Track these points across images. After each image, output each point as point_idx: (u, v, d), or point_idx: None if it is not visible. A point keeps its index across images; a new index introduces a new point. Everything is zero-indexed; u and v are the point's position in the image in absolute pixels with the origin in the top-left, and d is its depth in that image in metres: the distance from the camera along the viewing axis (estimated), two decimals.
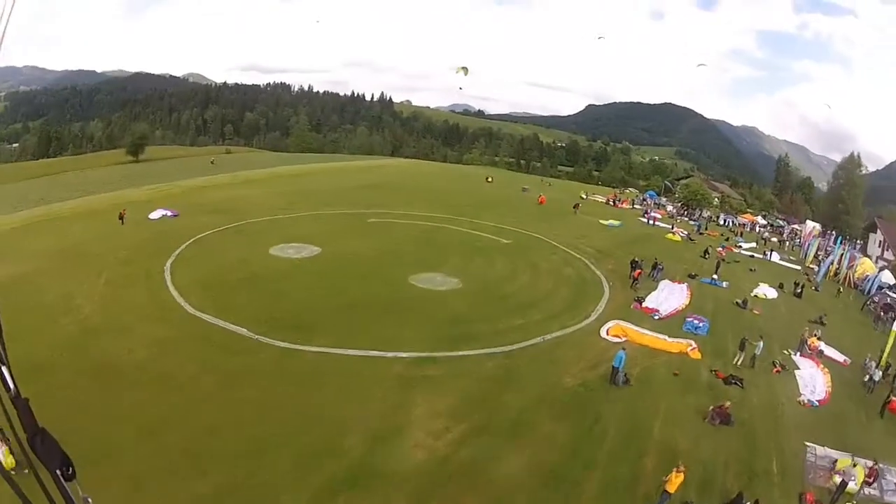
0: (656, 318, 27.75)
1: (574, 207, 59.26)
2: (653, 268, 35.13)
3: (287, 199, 52.21)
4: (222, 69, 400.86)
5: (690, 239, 52.26)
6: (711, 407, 18.59)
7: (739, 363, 23.32)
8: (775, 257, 49.53)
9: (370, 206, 49.81)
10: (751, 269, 42.17)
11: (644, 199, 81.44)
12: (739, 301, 32.40)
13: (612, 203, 71.91)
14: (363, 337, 21.94)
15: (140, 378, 17.88)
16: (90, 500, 2.36)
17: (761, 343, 23.81)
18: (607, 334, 24.76)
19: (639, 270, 32.90)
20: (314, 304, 25.59)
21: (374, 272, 30.99)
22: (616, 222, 54.42)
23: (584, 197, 71.63)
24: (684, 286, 33.18)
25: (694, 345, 24.25)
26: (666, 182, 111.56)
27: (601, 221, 54.43)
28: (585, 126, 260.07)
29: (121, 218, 39.72)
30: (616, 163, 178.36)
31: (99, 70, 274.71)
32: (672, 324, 27.25)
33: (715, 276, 36.83)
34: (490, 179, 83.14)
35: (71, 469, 2.30)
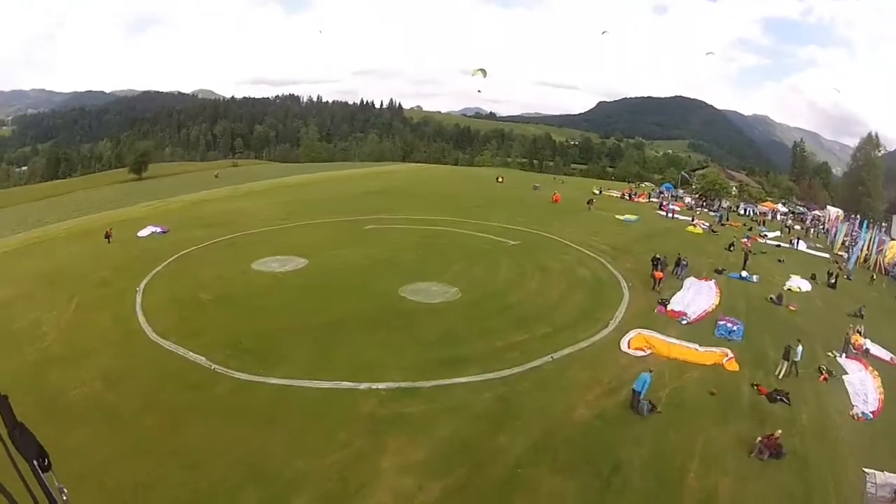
0: (684, 322, 24.18)
1: (588, 203, 55.64)
2: (676, 264, 31.59)
3: (286, 209, 50.76)
4: (231, 83, 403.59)
5: (713, 231, 49.08)
6: (759, 438, 15.00)
7: (782, 374, 19.78)
8: (802, 246, 46.70)
9: (372, 213, 47.12)
10: (779, 260, 38.97)
11: (661, 192, 78.53)
12: (773, 297, 28.84)
13: (627, 197, 68.38)
14: (336, 364, 18.83)
15: (88, 414, 16.20)
16: (65, 490, 2.42)
17: (800, 347, 20.21)
18: (629, 347, 21.15)
19: (661, 269, 29.31)
20: (287, 325, 22.56)
21: (362, 285, 27.88)
22: (633, 217, 50.93)
23: (598, 192, 67.77)
24: (712, 283, 29.66)
25: (730, 354, 20.67)
26: (683, 173, 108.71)
27: (617, 217, 50.81)
28: (597, 123, 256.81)
29: (107, 237, 38.93)
30: (630, 158, 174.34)
31: (108, 90, 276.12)
32: (702, 329, 23.67)
33: (744, 272, 33.11)
34: (500, 179, 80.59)
35: (47, 461, 2.42)
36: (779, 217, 67.62)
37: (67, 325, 23.39)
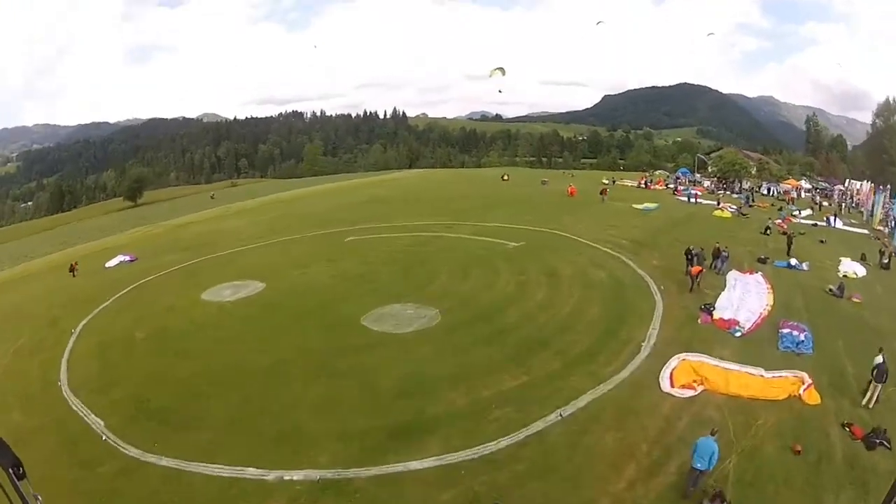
0: (737, 334, 18.46)
1: (601, 194, 49.81)
2: (714, 257, 25.82)
3: (270, 225, 47.76)
4: (237, 105, 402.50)
5: (742, 213, 43.52)
6: None
7: (873, 402, 14.21)
8: (838, 224, 40.99)
9: (359, 222, 42.59)
10: (821, 241, 33.47)
11: (677, 177, 74.11)
12: (833, 288, 23.11)
13: (644, 185, 62.79)
14: (254, 432, 13.89)
15: None
16: (40, 497, 2.68)
17: (881, 357, 14.60)
18: (672, 385, 15.13)
19: (698, 263, 23.59)
20: (211, 372, 17.79)
21: (320, 312, 22.77)
22: (652, 205, 45.20)
23: (609, 182, 61.95)
24: (759, 277, 24.11)
25: (807, 379, 14.95)
26: (699, 156, 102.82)
27: (634, 206, 44.84)
28: (604, 117, 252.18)
29: (72, 270, 37.74)
30: (640, 147, 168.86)
31: (112, 121, 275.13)
32: (762, 341, 17.99)
33: (793, 259, 27.47)
34: (506, 178, 75.90)
35: (21, 469, 2.68)
36: (803, 195, 61.99)
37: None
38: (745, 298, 21.41)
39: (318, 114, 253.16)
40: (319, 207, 57.59)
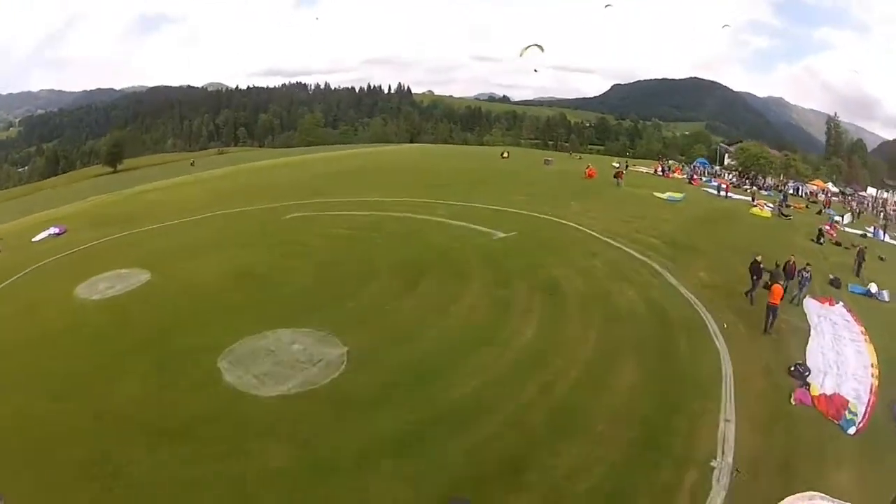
0: (851, 430, 10.82)
1: (615, 177, 41.67)
2: (788, 276, 17.71)
3: (218, 196, 41.24)
4: (243, 76, 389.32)
5: (783, 214, 35.80)
6: None
7: None
8: (886, 237, 33.80)
9: (319, 196, 35.47)
10: (880, 258, 25.93)
11: (695, 167, 67.75)
12: None
13: (661, 172, 55.01)
14: None
15: None
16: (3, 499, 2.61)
17: None
18: None
19: (778, 287, 15.24)
20: None
21: (175, 332, 15.27)
22: (677, 195, 37.20)
23: (620, 167, 53.61)
24: (842, 309, 16.77)
25: None
26: (721, 145, 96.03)
27: (657, 195, 36.93)
28: (612, 106, 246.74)
29: None
30: (651, 135, 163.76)
31: (117, 87, 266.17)
32: (883, 441, 10.60)
33: (873, 285, 19.80)
34: (506, 155, 68.39)
35: None
36: (830, 198, 54.48)
37: None
38: (841, 351, 13.80)
39: (322, 86, 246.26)
40: (287, 178, 50.41)
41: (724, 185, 45.29)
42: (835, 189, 62.30)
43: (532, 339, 14.33)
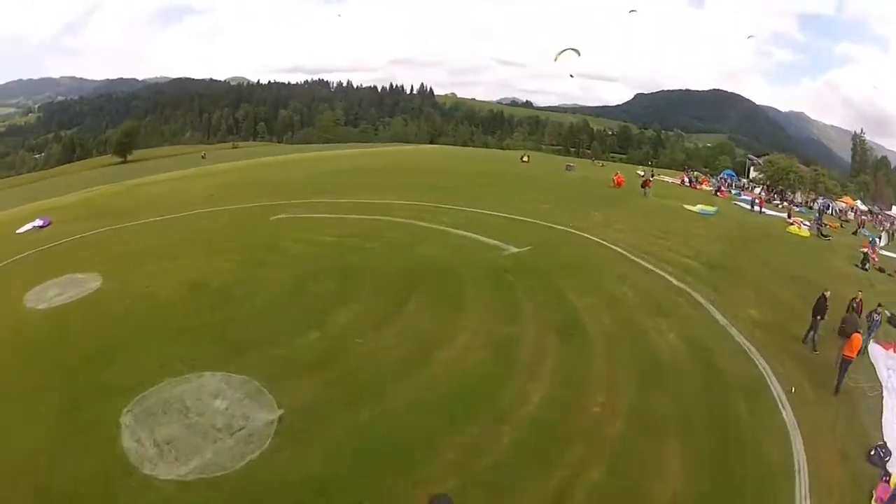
0: None
1: (643, 186, 38.60)
2: (864, 319, 14.81)
3: (214, 192, 38.36)
4: (266, 71, 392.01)
5: (822, 234, 32.75)
6: None
7: None
8: None
9: (318, 195, 33.05)
10: None
11: (722, 178, 65.82)
12: None
13: (688, 183, 52.40)
14: None
15: None
16: None
17: None
18: None
19: (858, 337, 12.20)
20: None
21: (85, 370, 12.38)
22: (710, 208, 34.22)
23: (643, 174, 50.66)
24: None
25: None
26: (749, 157, 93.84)
27: (687, 207, 34.25)
28: (635, 115, 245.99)
29: None
30: (675, 145, 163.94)
31: (140, 77, 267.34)
32: None
33: None
34: (525, 159, 65.76)
35: None
36: (862, 217, 52.34)
37: None
38: None
39: (345, 84, 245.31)
40: (293, 174, 48.01)
41: (756, 200, 42.28)
42: (863, 207, 59.85)
43: (541, 406, 11.00)
